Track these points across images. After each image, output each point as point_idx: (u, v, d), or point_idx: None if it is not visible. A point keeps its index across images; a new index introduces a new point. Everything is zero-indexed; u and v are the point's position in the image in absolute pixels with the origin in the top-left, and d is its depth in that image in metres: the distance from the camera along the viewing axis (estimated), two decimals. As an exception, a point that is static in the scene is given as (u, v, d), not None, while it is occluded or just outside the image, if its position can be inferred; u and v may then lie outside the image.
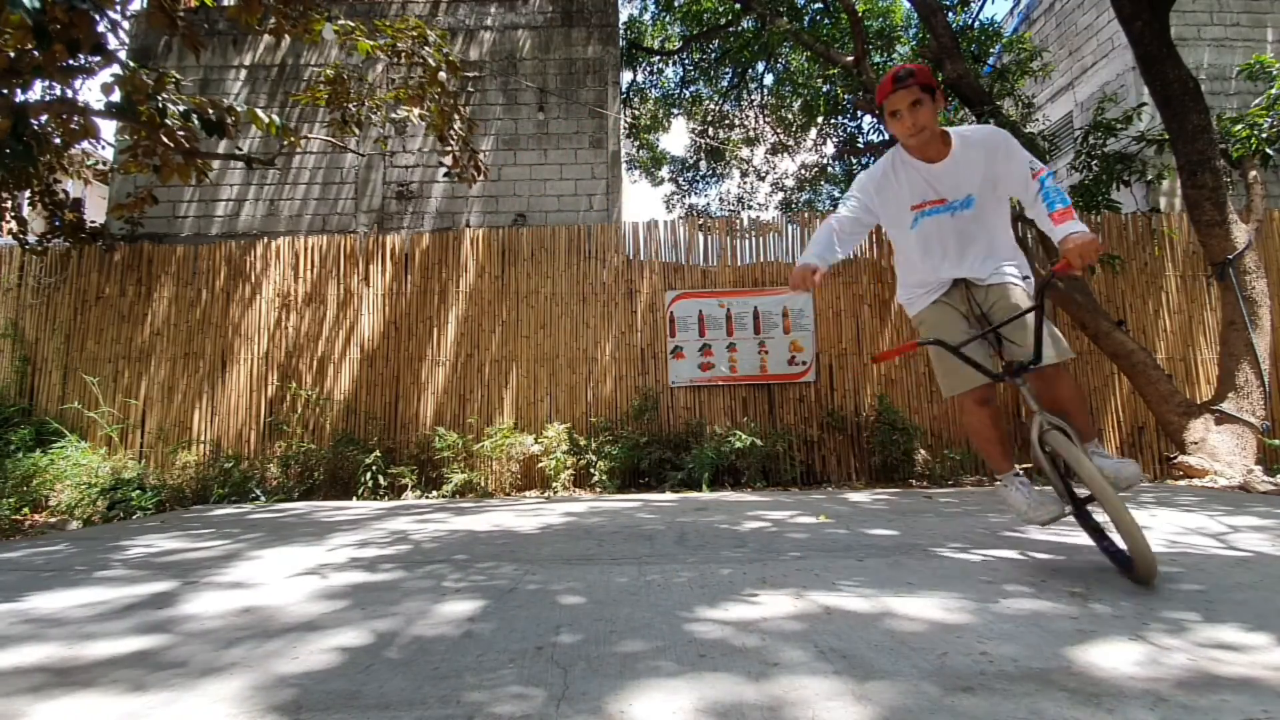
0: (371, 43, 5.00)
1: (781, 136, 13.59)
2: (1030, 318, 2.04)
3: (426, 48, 5.02)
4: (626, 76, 12.51)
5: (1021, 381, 2.06)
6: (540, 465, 5.48)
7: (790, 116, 12.50)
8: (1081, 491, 2.15)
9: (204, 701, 1.25)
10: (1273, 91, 5.37)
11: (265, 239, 6.34)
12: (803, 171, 13.84)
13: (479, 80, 7.01)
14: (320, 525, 3.69)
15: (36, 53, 3.24)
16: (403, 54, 5.06)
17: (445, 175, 5.83)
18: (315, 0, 4.78)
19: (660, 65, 12.76)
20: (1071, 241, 1.87)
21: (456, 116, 5.21)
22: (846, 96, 7.56)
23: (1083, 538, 2.45)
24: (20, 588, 2.30)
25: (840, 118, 10.46)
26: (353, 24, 5.07)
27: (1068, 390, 2.10)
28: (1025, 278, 2.21)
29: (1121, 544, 1.92)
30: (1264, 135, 5.26)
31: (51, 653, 1.57)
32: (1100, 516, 2.16)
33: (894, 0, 9.82)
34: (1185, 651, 1.37)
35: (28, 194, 6.10)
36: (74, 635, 1.70)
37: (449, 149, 5.42)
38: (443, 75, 5.07)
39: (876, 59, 8.63)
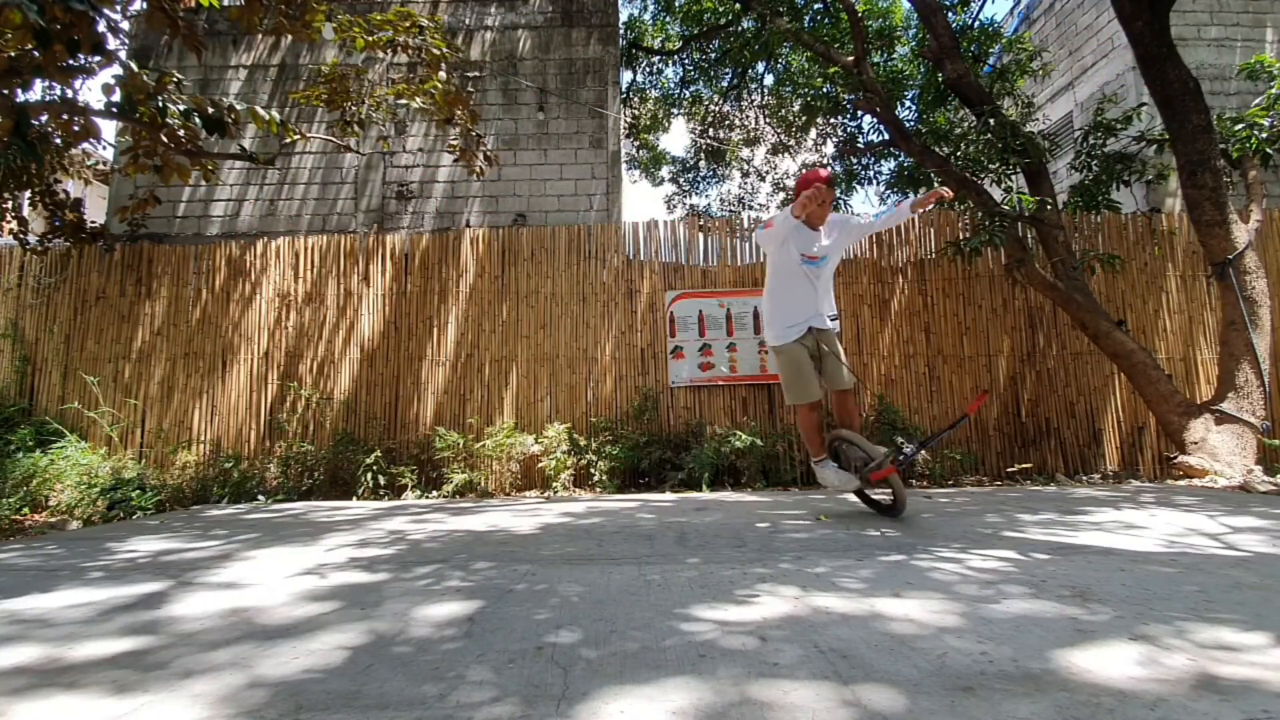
0: (370, 38, 4.99)
1: (782, 137, 13.58)
2: (840, 351, 3.26)
3: (422, 36, 5.02)
4: (626, 76, 12.51)
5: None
6: (540, 465, 5.48)
7: (790, 116, 12.50)
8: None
9: (185, 702, 1.25)
10: (1273, 91, 5.37)
11: (265, 239, 6.34)
12: (804, 171, 13.83)
13: (479, 80, 7.00)
14: (319, 525, 3.69)
15: (36, 53, 3.24)
16: (399, 48, 5.06)
17: (455, 161, 5.82)
18: (315, -2, 4.77)
19: (660, 65, 12.75)
20: (920, 200, 3.09)
21: (460, 106, 5.19)
22: (846, 96, 7.56)
23: (1082, 539, 2.66)
24: (11, 588, 2.30)
25: (840, 118, 10.45)
26: (352, 18, 5.07)
27: (854, 404, 3.28)
28: (835, 318, 3.31)
29: (879, 497, 3.26)
30: (1264, 135, 5.26)
31: (36, 654, 1.56)
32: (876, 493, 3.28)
33: (894, 0, 9.82)
34: (1185, 651, 1.37)
35: (28, 194, 6.10)
36: (61, 636, 1.69)
37: (455, 141, 5.42)
38: (442, 74, 5.07)
39: (876, 59, 8.63)
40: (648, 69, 12.72)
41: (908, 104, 9.45)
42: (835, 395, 3.26)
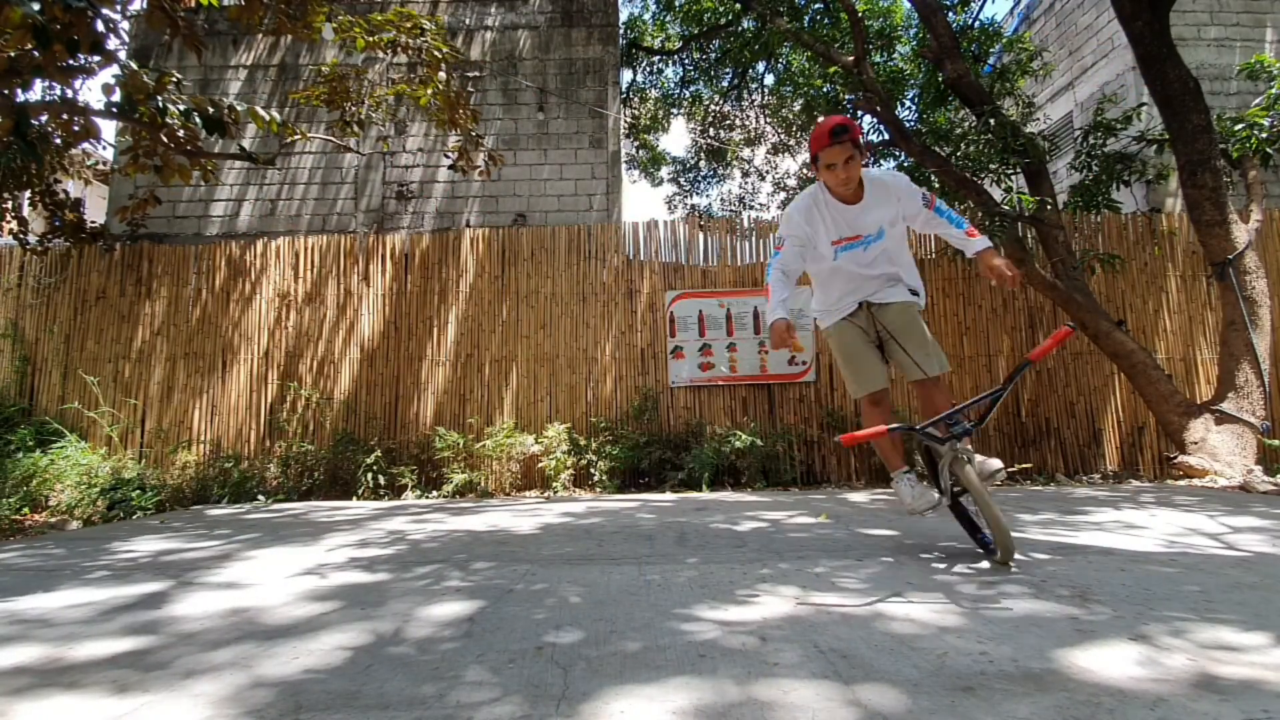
0: (371, 38, 4.99)
1: (782, 136, 13.59)
2: (918, 331, 2.43)
3: (423, 37, 5.02)
4: (626, 76, 12.51)
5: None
6: (540, 465, 5.48)
7: (790, 116, 12.50)
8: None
9: (186, 702, 1.25)
10: (1273, 91, 5.36)
11: (265, 239, 6.34)
12: (804, 171, 13.84)
13: (479, 80, 7.00)
14: (320, 525, 3.69)
15: (36, 53, 3.24)
16: (400, 48, 5.06)
17: (450, 168, 5.80)
18: (315, -3, 4.77)
19: (660, 65, 12.75)
20: (990, 256, 2.28)
21: (461, 106, 5.19)
22: (846, 96, 7.55)
23: (1082, 539, 2.61)
24: (11, 588, 2.30)
25: (840, 118, 10.42)
26: (352, 19, 5.07)
27: (944, 400, 2.41)
28: (915, 292, 2.51)
29: (986, 531, 2.33)
30: (1264, 135, 5.25)
31: (37, 653, 1.56)
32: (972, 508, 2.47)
33: (894, 0, 9.81)
34: (1185, 651, 1.37)
35: (28, 194, 6.10)
36: (61, 636, 1.69)
37: (456, 142, 5.42)
38: (441, 75, 5.07)
39: (876, 59, 8.62)
40: (648, 69, 12.72)
41: (908, 104, 9.43)
42: (916, 389, 2.52)
